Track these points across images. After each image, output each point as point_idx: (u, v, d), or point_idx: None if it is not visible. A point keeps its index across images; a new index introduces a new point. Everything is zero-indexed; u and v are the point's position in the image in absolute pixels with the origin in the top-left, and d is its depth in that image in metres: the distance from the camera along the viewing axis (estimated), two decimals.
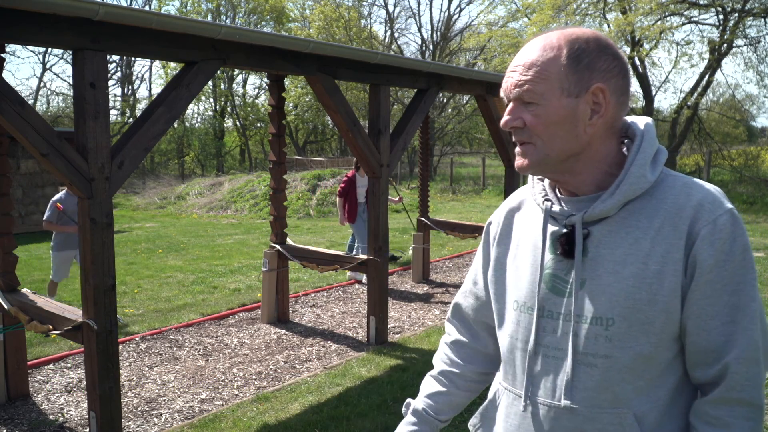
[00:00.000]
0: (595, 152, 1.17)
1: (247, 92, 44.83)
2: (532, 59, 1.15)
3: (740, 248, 1.09)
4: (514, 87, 1.17)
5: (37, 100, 33.09)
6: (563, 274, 1.19)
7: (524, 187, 1.38)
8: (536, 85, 1.14)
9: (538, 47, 1.16)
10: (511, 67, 1.19)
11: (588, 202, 1.19)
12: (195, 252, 10.38)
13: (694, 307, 1.10)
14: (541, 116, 1.14)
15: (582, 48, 1.14)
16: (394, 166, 5.56)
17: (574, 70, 1.13)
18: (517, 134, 1.18)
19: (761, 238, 10.67)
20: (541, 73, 1.13)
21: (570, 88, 1.13)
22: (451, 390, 1.44)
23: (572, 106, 1.13)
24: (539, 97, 1.14)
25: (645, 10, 17.86)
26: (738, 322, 1.09)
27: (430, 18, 58.70)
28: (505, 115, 1.19)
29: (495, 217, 1.40)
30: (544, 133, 1.15)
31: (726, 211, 1.10)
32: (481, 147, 37.14)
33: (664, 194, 1.14)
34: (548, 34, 1.18)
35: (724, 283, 1.09)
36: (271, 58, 4.33)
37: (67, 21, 3.11)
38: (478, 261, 1.44)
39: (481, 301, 1.42)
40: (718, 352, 1.10)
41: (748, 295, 1.09)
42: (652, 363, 1.13)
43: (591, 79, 1.13)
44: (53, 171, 3.23)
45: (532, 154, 1.17)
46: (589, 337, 1.14)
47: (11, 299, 4.04)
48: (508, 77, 1.19)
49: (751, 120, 36.44)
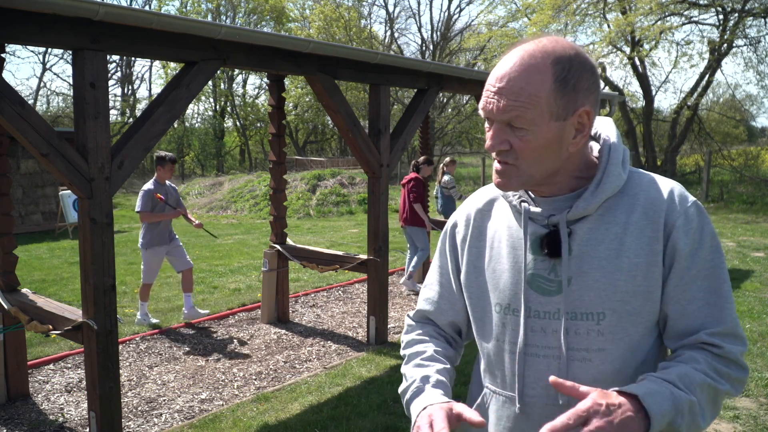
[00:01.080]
0: (572, 163, 1.20)
1: (247, 92, 44.86)
2: (520, 84, 1.11)
3: (709, 235, 1.16)
4: (501, 111, 1.13)
5: (37, 100, 33.11)
6: (546, 273, 1.20)
7: (488, 186, 1.36)
8: (526, 112, 1.11)
9: (523, 68, 1.11)
10: (494, 85, 1.14)
11: (564, 202, 1.21)
12: (195, 252, 10.38)
13: (673, 293, 1.16)
14: (531, 141, 1.13)
15: (566, 68, 1.12)
16: (394, 166, 5.56)
17: (561, 94, 1.12)
18: (501, 155, 1.16)
19: (761, 238, 10.66)
20: (531, 99, 1.10)
21: (558, 112, 1.12)
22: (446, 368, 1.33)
23: (559, 129, 1.14)
24: (529, 123, 1.12)
25: (645, 10, 17.86)
26: (714, 303, 1.15)
27: (430, 18, 58.75)
28: (490, 138, 1.16)
29: (460, 218, 1.37)
30: (530, 156, 1.14)
31: (693, 203, 1.17)
32: (481, 147, 37.12)
33: (634, 190, 1.19)
34: (529, 50, 1.13)
35: (698, 268, 1.15)
36: (271, 58, 4.33)
37: (67, 21, 3.11)
38: (444, 264, 1.39)
39: (453, 306, 1.38)
40: (697, 332, 1.16)
41: (720, 278, 1.16)
42: (639, 350, 1.18)
43: (576, 102, 1.13)
44: (53, 171, 3.23)
45: (516, 176, 1.17)
46: (582, 333, 1.17)
47: (11, 299, 4.04)
48: (491, 98, 1.14)
49: (751, 120, 36.46)
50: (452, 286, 1.38)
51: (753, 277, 7.57)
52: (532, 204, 1.23)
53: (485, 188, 1.38)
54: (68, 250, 10.71)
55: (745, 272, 7.87)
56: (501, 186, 1.20)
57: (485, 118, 1.18)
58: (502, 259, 1.25)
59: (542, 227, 1.21)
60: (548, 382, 1.18)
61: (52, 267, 9.12)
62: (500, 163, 1.18)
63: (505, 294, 1.24)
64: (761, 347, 5.04)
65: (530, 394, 1.22)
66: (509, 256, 1.24)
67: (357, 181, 17.88)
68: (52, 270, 8.86)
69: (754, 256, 9.00)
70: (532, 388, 1.21)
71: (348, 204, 16.71)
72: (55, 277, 8.35)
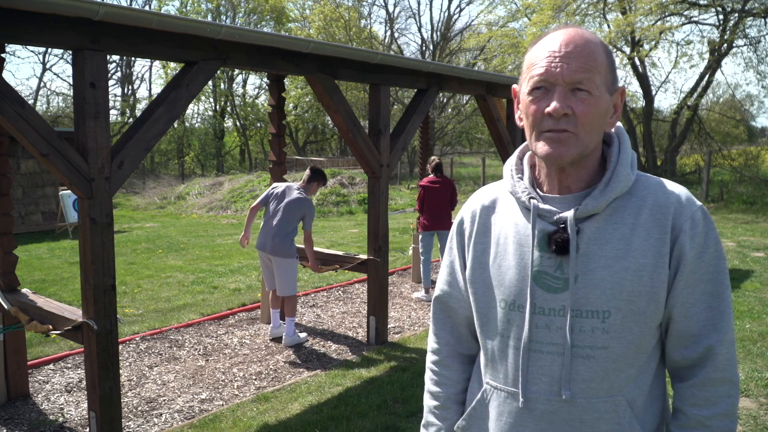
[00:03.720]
0: (596, 150, 1.24)
1: (247, 92, 44.85)
2: (588, 50, 1.15)
3: (713, 240, 1.19)
4: (572, 72, 1.13)
5: (37, 100, 33.10)
6: (552, 271, 1.21)
7: (494, 183, 1.38)
8: (595, 76, 1.15)
9: (584, 40, 1.16)
10: (558, 51, 1.15)
11: (572, 200, 1.22)
12: (195, 252, 10.38)
13: (678, 296, 1.19)
14: (593, 106, 1.15)
15: (607, 50, 1.20)
16: (394, 166, 5.56)
17: (611, 69, 1.19)
18: (561, 122, 1.15)
19: (761, 238, 10.66)
20: (597, 64, 1.15)
21: (609, 85, 1.18)
22: (454, 415, 1.44)
23: (608, 102, 1.19)
24: (596, 87, 1.15)
25: (645, 11, 17.87)
26: (716, 307, 1.19)
27: (430, 18, 58.77)
28: (556, 100, 1.14)
29: (467, 214, 1.38)
30: (589, 124, 1.16)
31: (699, 208, 1.20)
32: (481, 147, 37.17)
33: (642, 192, 1.21)
34: (577, 30, 1.18)
35: (702, 272, 1.18)
36: (271, 58, 4.33)
37: (67, 21, 3.11)
38: (454, 261, 1.41)
39: (463, 304, 1.41)
40: (699, 336, 1.20)
41: (722, 283, 1.20)
42: (641, 350, 1.20)
43: (616, 81, 1.21)
44: (53, 171, 3.23)
45: (574, 144, 1.16)
46: (586, 330, 1.18)
47: (11, 299, 4.04)
48: (558, 62, 1.14)
49: (751, 120, 36.45)
50: (462, 284, 1.40)
51: (753, 277, 7.57)
52: (541, 201, 1.24)
53: (491, 185, 1.39)
54: (68, 250, 10.71)
55: (745, 272, 7.87)
56: (558, 156, 1.16)
57: (537, 87, 1.17)
58: (509, 255, 1.26)
59: (550, 224, 1.22)
60: (552, 378, 1.21)
61: (52, 267, 9.12)
62: (556, 132, 1.16)
63: (511, 290, 1.25)
64: (761, 347, 5.04)
65: (533, 390, 1.23)
66: (516, 252, 1.25)
67: (357, 181, 17.89)
68: (52, 270, 8.86)
69: (754, 256, 9.00)
70: (535, 384, 1.23)
71: (348, 204, 16.72)
72: (55, 277, 8.35)
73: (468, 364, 1.45)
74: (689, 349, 1.21)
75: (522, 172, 1.31)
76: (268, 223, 5.37)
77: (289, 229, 5.27)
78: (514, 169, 1.32)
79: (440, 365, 1.45)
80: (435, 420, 1.44)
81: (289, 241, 5.27)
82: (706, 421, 1.19)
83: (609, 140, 1.28)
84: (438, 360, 1.46)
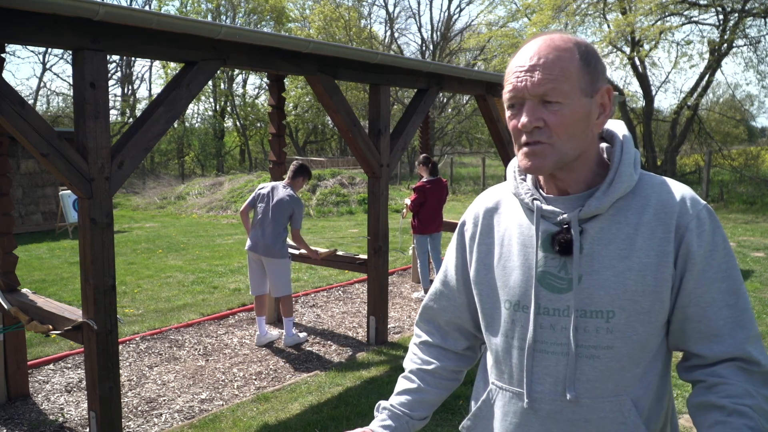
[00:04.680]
0: (591, 151, 1.23)
1: (247, 92, 44.82)
2: (552, 59, 1.14)
3: (721, 238, 1.18)
4: (537, 85, 1.14)
5: (37, 100, 33.10)
6: (556, 271, 1.21)
7: (497, 186, 1.39)
8: (561, 84, 1.13)
9: (552, 48, 1.15)
10: (524, 65, 1.16)
11: (575, 201, 1.22)
12: (195, 252, 10.38)
13: (691, 296, 1.17)
14: (565, 116, 1.14)
15: (585, 50, 1.18)
16: (394, 166, 5.56)
17: (587, 71, 1.16)
18: (534, 134, 1.16)
19: (761, 238, 10.66)
20: (564, 72, 1.13)
21: (585, 88, 1.16)
22: (422, 387, 1.43)
23: (588, 106, 1.17)
24: (564, 96, 1.14)
25: (645, 11, 17.88)
26: (734, 304, 1.17)
27: (430, 18, 58.78)
28: (525, 115, 1.15)
29: (470, 216, 1.39)
30: (564, 132, 1.15)
31: (704, 206, 1.19)
32: (481, 147, 37.17)
33: (646, 192, 1.21)
34: (548, 36, 1.18)
35: (714, 271, 1.17)
36: (271, 58, 4.33)
37: (67, 21, 3.11)
38: (450, 262, 1.43)
39: (453, 303, 1.43)
40: (722, 336, 1.17)
41: (737, 279, 1.18)
42: (646, 350, 1.20)
43: (598, 81, 1.18)
44: (53, 171, 3.23)
45: (550, 155, 1.16)
46: (591, 330, 1.18)
47: (11, 299, 4.05)
48: (523, 76, 1.15)
49: (751, 120, 36.47)
50: (454, 285, 1.41)
51: (753, 277, 7.57)
52: (544, 202, 1.24)
53: (494, 188, 1.40)
54: (68, 250, 10.71)
55: (745, 272, 7.87)
56: (534, 168, 1.18)
57: (511, 104, 1.19)
58: (513, 256, 1.27)
59: (553, 225, 1.22)
60: (556, 378, 1.21)
61: (52, 267, 9.12)
62: (532, 145, 1.16)
63: (515, 291, 1.25)
64: None
65: (538, 390, 1.23)
66: (520, 253, 1.26)
67: (357, 181, 17.88)
68: (52, 270, 8.86)
69: (754, 256, 9.00)
70: (539, 384, 1.23)
71: (348, 204, 16.71)
72: (55, 277, 8.35)
73: (452, 360, 1.46)
74: (714, 343, 1.17)
75: (525, 173, 1.32)
76: (258, 225, 5.31)
77: (279, 230, 5.25)
78: (518, 171, 1.32)
79: (418, 347, 1.49)
80: (397, 389, 1.45)
81: (280, 242, 5.25)
82: (749, 411, 1.13)
83: (611, 139, 1.27)
84: (417, 344, 1.50)
